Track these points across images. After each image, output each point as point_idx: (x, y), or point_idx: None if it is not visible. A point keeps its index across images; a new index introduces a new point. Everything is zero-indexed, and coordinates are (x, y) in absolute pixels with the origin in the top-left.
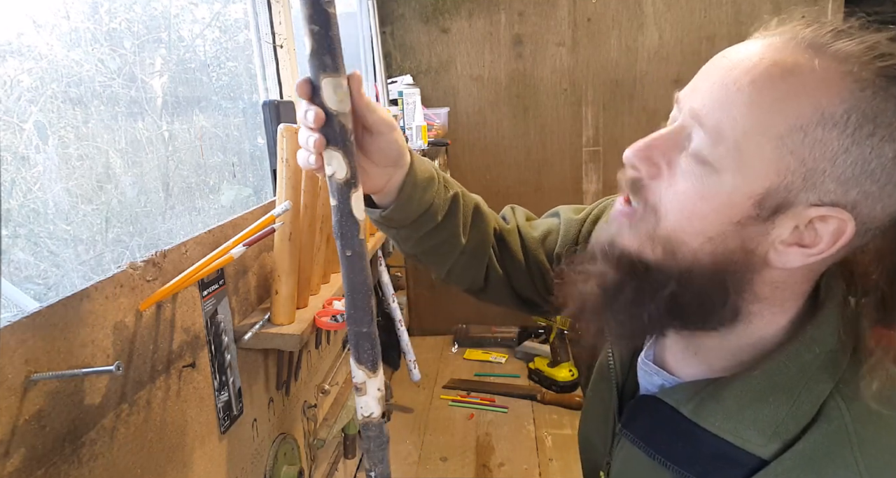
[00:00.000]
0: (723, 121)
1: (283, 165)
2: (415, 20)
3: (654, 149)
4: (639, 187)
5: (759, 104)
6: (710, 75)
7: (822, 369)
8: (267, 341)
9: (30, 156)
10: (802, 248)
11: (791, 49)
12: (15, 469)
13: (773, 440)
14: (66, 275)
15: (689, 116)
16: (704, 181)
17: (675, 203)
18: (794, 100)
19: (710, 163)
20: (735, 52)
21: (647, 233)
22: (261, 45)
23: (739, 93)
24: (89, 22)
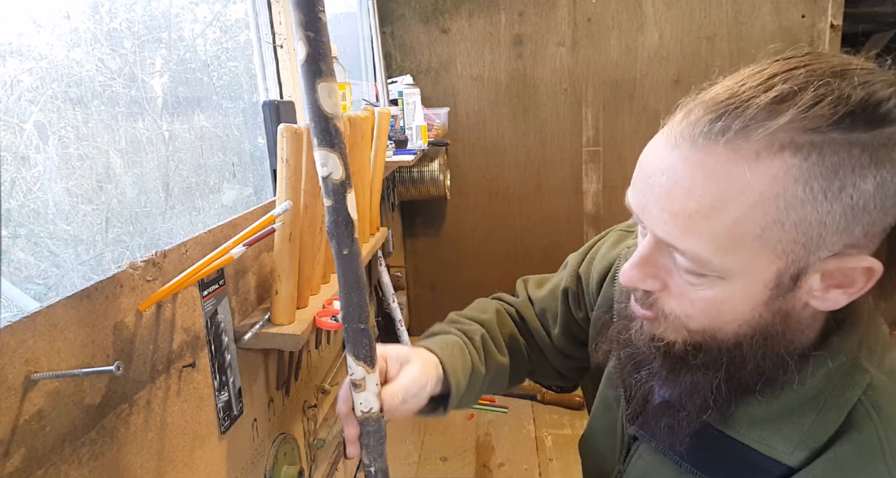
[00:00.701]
0: (695, 248)
1: (283, 165)
2: (415, 20)
3: (649, 266)
4: (652, 302)
5: (718, 223)
6: (652, 197)
7: (847, 377)
8: (267, 341)
9: (30, 156)
10: (842, 289)
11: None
12: (15, 469)
13: (800, 448)
14: (66, 275)
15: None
16: (714, 289)
17: (695, 310)
18: (749, 204)
19: (709, 276)
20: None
21: (681, 330)
22: (261, 45)
23: (692, 220)
24: (90, 22)
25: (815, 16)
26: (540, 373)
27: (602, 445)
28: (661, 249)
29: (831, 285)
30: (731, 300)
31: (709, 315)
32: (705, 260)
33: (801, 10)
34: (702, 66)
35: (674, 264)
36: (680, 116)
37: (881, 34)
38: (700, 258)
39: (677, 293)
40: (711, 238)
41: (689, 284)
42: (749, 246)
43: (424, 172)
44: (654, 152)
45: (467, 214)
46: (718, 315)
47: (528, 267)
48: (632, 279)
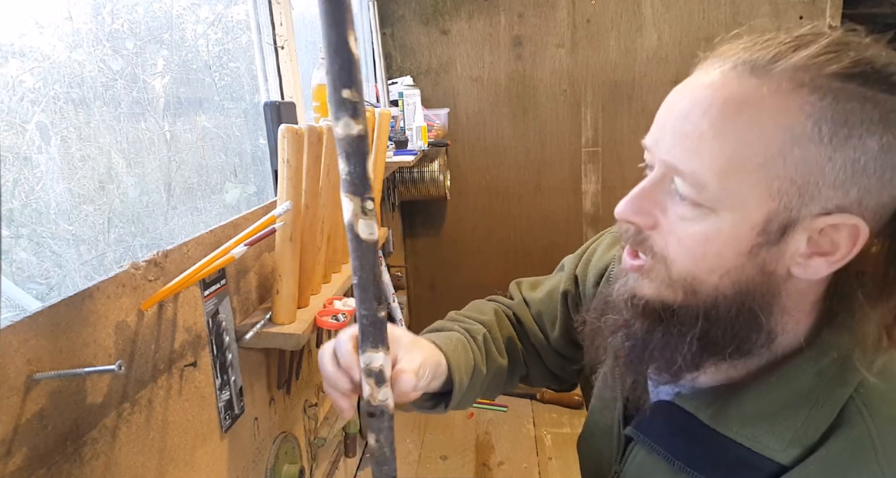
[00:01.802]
0: (697, 169)
1: (284, 166)
2: (415, 21)
3: (644, 199)
4: (641, 240)
5: (726, 144)
6: (668, 124)
7: (839, 374)
8: (268, 341)
9: (32, 156)
10: (824, 256)
11: (736, 79)
12: (17, 468)
13: (793, 446)
14: (68, 275)
15: (665, 167)
16: (703, 223)
17: (681, 248)
18: (758, 130)
19: (703, 205)
20: (684, 95)
21: (662, 280)
22: (262, 46)
23: (702, 140)
24: (92, 23)
25: (814, 17)
26: (535, 376)
27: (599, 445)
28: (662, 182)
29: (815, 253)
30: (717, 239)
31: (693, 257)
32: (704, 182)
33: (799, 12)
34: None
35: (670, 200)
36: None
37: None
38: (700, 181)
39: (667, 231)
40: (715, 160)
41: (681, 219)
42: (748, 175)
43: (424, 172)
44: (680, 87)
45: (467, 214)
46: (703, 258)
47: (527, 267)
48: (625, 211)
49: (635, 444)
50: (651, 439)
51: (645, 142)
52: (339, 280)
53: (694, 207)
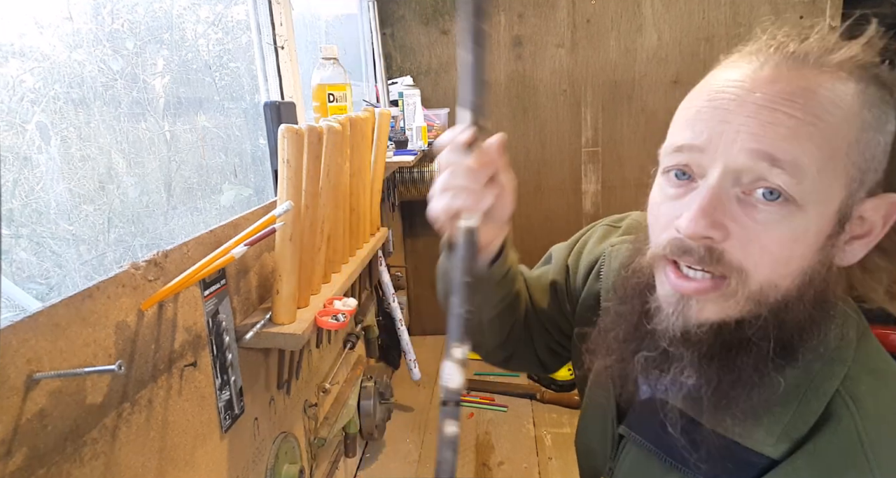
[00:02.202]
0: (798, 156)
1: (284, 166)
2: (415, 22)
3: (716, 210)
4: (717, 256)
5: (821, 131)
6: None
7: (827, 367)
8: (268, 341)
9: (32, 156)
10: (861, 239)
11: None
12: (17, 468)
13: (783, 440)
14: (68, 275)
15: (746, 161)
16: (791, 222)
17: (766, 255)
18: (841, 117)
19: (794, 201)
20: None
21: (734, 297)
22: (262, 46)
23: (799, 125)
24: (92, 23)
25: (814, 17)
26: (519, 356)
27: (594, 443)
28: (726, 187)
29: (853, 237)
30: (805, 237)
31: (778, 262)
32: (805, 171)
33: (799, 12)
34: (700, 67)
35: (740, 205)
36: (747, 53)
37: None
38: (801, 169)
39: (744, 240)
40: (816, 145)
41: (763, 224)
42: (838, 162)
43: (425, 172)
44: (726, 78)
45: None
46: (788, 262)
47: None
48: (700, 226)
49: (627, 441)
50: (642, 436)
51: (689, 142)
52: (339, 280)
53: (782, 206)
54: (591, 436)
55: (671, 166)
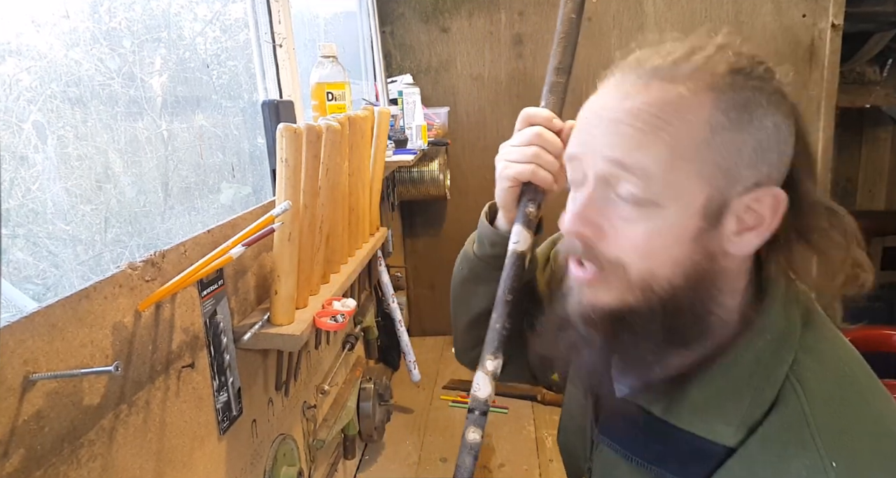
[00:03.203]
0: (644, 161)
1: (282, 165)
2: (415, 20)
3: (590, 211)
4: (593, 250)
5: (665, 138)
6: (599, 131)
7: (775, 354)
8: (266, 342)
9: (29, 155)
10: (753, 230)
11: (651, 86)
12: (14, 470)
13: (740, 430)
14: (64, 275)
15: (607, 167)
16: (651, 219)
17: (635, 249)
18: (686, 124)
19: (650, 201)
20: (606, 106)
21: (621, 285)
22: (260, 44)
23: (644, 135)
24: (89, 21)
25: (816, 15)
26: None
27: (574, 442)
28: (600, 189)
29: (744, 229)
30: (667, 231)
31: (648, 254)
32: (651, 174)
33: (801, 10)
34: None
35: (612, 207)
36: (608, 76)
37: (881, 34)
38: (647, 172)
39: (616, 237)
40: (659, 152)
41: (627, 222)
42: (686, 164)
43: (424, 172)
44: (594, 100)
45: (467, 214)
46: (656, 253)
47: None
48: (574, 224)
49: (598, 442)
50: (609, 438)
51: (570, 152)
52: (338, 281)
53: (638, 207)
54: (571, 435)
55: (568, 176)
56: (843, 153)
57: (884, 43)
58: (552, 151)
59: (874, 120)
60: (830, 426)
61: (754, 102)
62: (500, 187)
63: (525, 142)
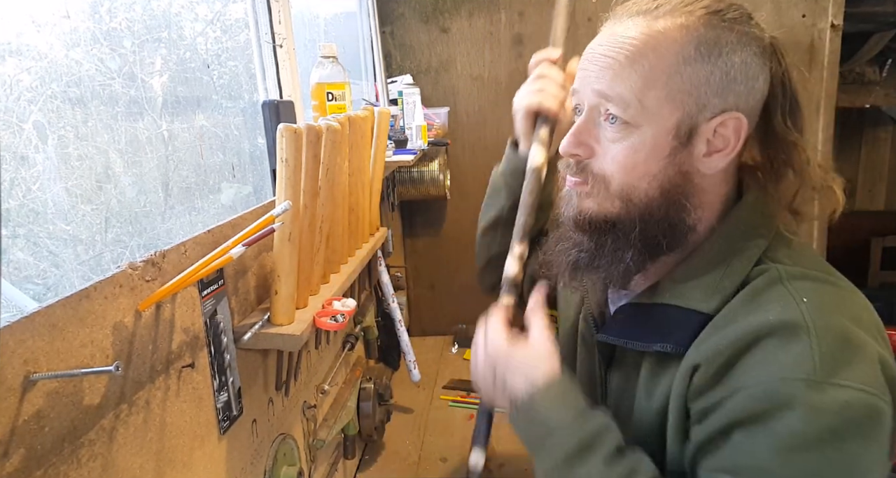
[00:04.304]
0: (621, 91)
1: (282, 165)
2: (415, 20)
3: (581, 134)
4: (584, 167)
5: (639, 69)
6: (592, 66)
7: (746, 238)
8: (266, 342)
9: (29, 155)
10: (720, 152)
11: (634, 24)
12: (14, 470)
13: (713, 297)
14: (65, 275)
15: (594, 98)
16: (631, 138)
17: (616, 163)
18: (659, 56)
19: (628, 122)
20: (600, 43)
21: (603, 196)
22: (261, 44)
23: (622, 67)
24: (89, 21)
25: (816, 15)
26: None
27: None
28: (592, 115)
29: (713, 151)
30: (643, 148)
31: (626, 168)
32: (628, 101)
33: (801, 10)
34: None
35: (601, 130)
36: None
37: (881, 34)
38: (625, 99)
39: (602, 154)
40: (634, 82)
41: (613, 141)
42: (658, 91)
43: (424, 172)
44: (592, 42)
45: (467, 214)
46: (634, 167)
47: None
48: (568, 146)
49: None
50: (610, 335)
51: (573, 88)
52: (338, 281)
53: (621, 127)
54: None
55: (574, 108)
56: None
57: (883, 43)
58: (556, 80)
59: (874, 120)
60: (802, 286)
61: (724, 40)
62: (516, 120)
63: (532, 79)
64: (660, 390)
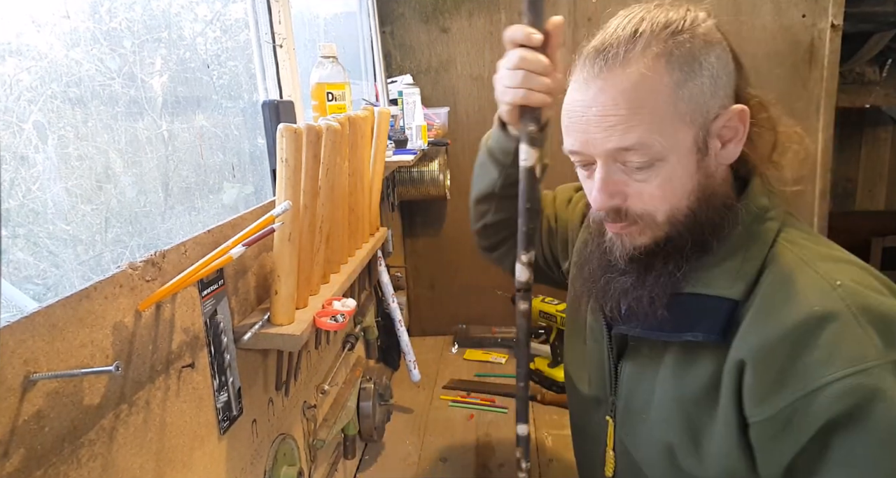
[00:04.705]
0: (637, 139)
1: (282, 165)
2: (415, 20)
3: (609, 186)
4: (624, 213)
5: (644, 114)
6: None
7: (758, 224)
8: (266, 342)
9: (29, 155)
10: (732, 141)
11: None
12: (14, 470)
13: (738, 282)
14: (65, 275)
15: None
16: (661, 172)
17: (657, 199)
18: (656, 94)
19: (656, 158)
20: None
21: (653, 227)
22: (261, 44)
23: (627, 120)
24: (89, 21)
25: (816, 15)
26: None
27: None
28: (611, 166)
29: (726, 142)
30: (676, 175)
31: (667, 197)
32: (649, 144)
33: (801, 10)
34: None
35: (626, 175)
36: (578, 68)
37: (881, 34)
38: (645, 144)
39: (637, 196)
40: (647, 125)
41: (643, 182)
42: (671, 122)
43: (424, 172)
44: (575, 99)
45: (467, 214)
46: (674, 193)
47: None
48: (602, 201)
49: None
50: (632, 328)
51: (572, 148)
52: (338, 281)
53: (649, 168)
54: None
55: (575, 162)
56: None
57: (883, 43)
58: (538, 70)
59: (874, 120)
60: (819, 261)
61: (696, 49)
62: (502, 110)
63: (513, 65)
64: (692, 380)
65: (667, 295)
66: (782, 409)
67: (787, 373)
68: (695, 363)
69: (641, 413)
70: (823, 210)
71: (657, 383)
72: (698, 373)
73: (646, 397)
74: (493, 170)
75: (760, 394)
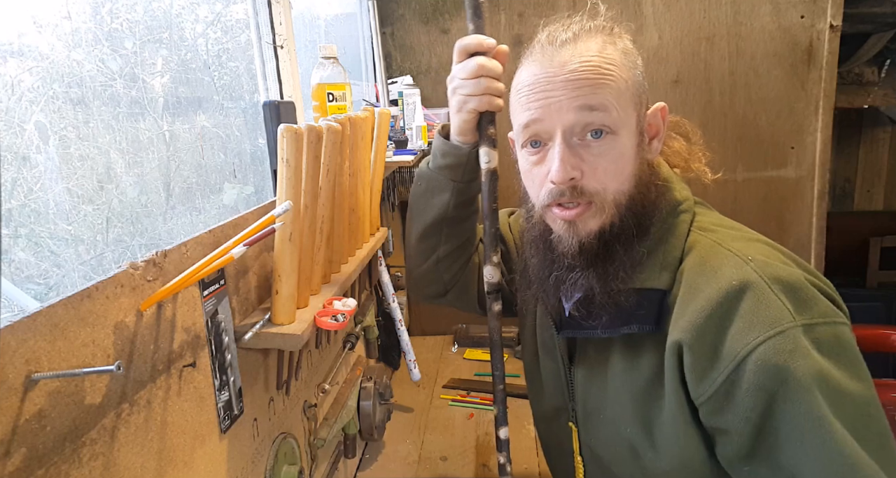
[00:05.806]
0: (603, 99)
1: (283, 166)
2: (415, 21)
3: (569, 159)
4: (580, 190)
5: (609, 81)
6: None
7: (672, 217)
8: (267, 341)
9: (31, 156)
10: (655, 137)
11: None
12: (16, 469)
13: (663, 272)
14: (66, 275)
15: (574, 116)
16: (615, 146)
17: (609, 174)
18: (616, 67)
19: (611, 129)
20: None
21: (601, 209)
22: (261, 45)
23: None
24: (91, 22)
25: (815, 16)
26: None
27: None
28: (569, 140)
29: (651, 138)
30: (626, 153)
31: (617, 175)
32: (611, 107)
33: (800, 11)
34: (701, 66)
35: (583, 149)
36: (532, 53)
37: (879, 35)
38: (609, 106)
39: (592, 172)
40: (611, 89)
41: (598, 156)
42: (625, 96)
43: None
44: (534, 73)
45: None
46: (622, 172)
47: None
48: (562, 174)
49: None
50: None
51: (531, 119)
52: (339, 280)
53: (605, 139)
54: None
55: (526, 140)
56: (841, 154)
57: (882, 44)
58: (496, 76)
59: (872, 120)
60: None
61: (628, 47)
62: (462, 119)
63: (472, 74)
64: (639, 373)
65: (619, 280)
66: (721, 384)
67: (718, 347)
68: (639, 356)
69: (599, 414)
70: (822, 210)
71: (608, 381)
72: (643, 365)
73: (600, 396)
74: (444, 191)
75: (700, 372)
